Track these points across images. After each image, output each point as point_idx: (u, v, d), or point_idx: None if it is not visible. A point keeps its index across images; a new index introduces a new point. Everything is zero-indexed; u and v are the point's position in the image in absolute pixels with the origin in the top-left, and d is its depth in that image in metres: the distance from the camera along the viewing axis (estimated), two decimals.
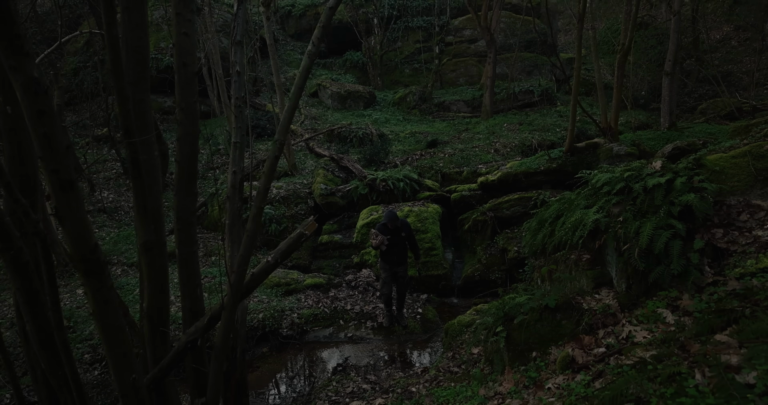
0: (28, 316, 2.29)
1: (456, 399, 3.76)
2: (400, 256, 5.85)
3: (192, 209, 2.41)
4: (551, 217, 4.74)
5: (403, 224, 5.83)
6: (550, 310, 3.56)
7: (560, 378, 3.00)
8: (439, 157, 11.10)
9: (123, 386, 1.93)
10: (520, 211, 7.80)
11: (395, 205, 8.54)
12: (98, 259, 1.75)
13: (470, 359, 4.99)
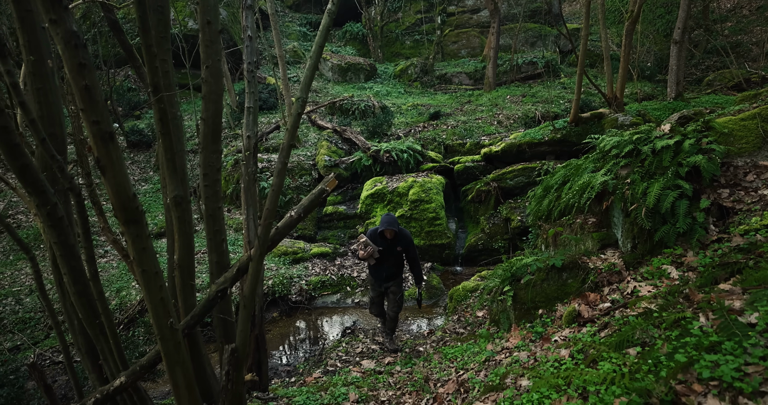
0: (66, 268, 2.39)
1: (464, 354, 3.94)
2: (392, 272, 4.62)
3: (217, 166, 2.47)
4: (557, 184, 4.82)
5: (403, 236, 4.51)
6: (556, 270, 3.69)
7: (566, 331, 3.15)
8: (442, 129, 11.08)
9: (162, 329, 2.04)
10: (524, 181, 7.88)
11: (399, 176, 8.60)
12: (137, 207, 1.83)
13: (475, 321, 5.17)
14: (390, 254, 4.55)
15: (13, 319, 6.12)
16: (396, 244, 4.49)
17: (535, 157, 8.33)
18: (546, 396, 2.31)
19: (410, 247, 4.54)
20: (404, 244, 4.52)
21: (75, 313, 2.61)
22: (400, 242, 4.50)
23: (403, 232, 4.53)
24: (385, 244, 4.48)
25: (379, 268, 4.62)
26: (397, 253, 4.56)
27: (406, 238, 4.51)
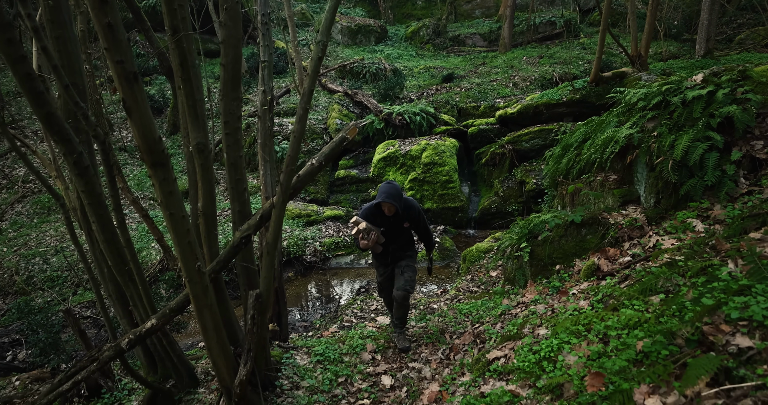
0: (94, 216, 2.42)
1: (479, 309, 3.99)
2: (400, 254, 3.58)
3: (238, 114, 2.44)
4: (577, 142, 4.71)
5: (409, 208, 3.42)
6: (575, 226, 3.66)
7: (584, 285, 3.16)
8: (455, 92, 10.83)
9: (190, 273, 2.08)
10: (540, 143, 7.73)
11: (412, 140, 8.50)
12: (163, 150, 1.82)
13: (489, 280, 5.22)
14: (396, 234, 3.47)
15: (42, 278, 6.34)
16: (401, 219, 3.42)
17: (552, 119, 8.14)
18: (565, 341, 2.34)
19: (419, 218, 3.49)
20: (412, 217, 3.45)
21: (104, 261, 2.68)
22: (407, 216, 3.42)
23: (408, 202, 3.42)
24: (388, 222, 3.38)
25: (383, 252, 3.54)
26: (404, 231, 3.52)
27: (412, 210, 3.42)
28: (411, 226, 3.53)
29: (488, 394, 2.24)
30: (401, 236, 3.51)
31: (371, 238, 3.29)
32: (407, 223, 3.46)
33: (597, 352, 2.10)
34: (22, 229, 7.97)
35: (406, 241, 3.58)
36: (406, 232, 3.55)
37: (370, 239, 3.28)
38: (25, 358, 5.01)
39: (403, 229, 3.49)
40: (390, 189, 3.25)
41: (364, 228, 3.24)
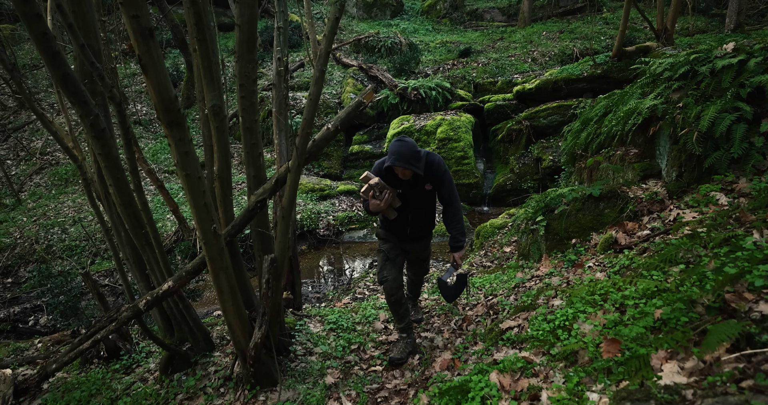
0: (111, 180, 2.44)
1: (492, 283, 3.99)
2: (421, 225, 2.93)
3: (253, 77, 2.40)
4: (597, 115, 4.57)
5: (432, 166, 2.73)
6: (593, 200, 3.59)
7: (601, 257, 3.11)
8: (472, 67, 10.58)
9: (206, 235, 2.09)
10: (558, 120, 7.56)
11: (427, 115, 8.37)
12: (179, 109, 1.79)
13: (503, 256, 5.20)
14: (416, 199, 2.81)
15: (61, 247, 6.50)
16: (422, 181, 2.75)
17: (571, 95, 7.92)
18: (581, 311, 2.32)
19: (443, 179, 2.77)
20: (435, 177, 2.75)
21: (122, 225, 2.71)
22: (429, 176, 2.73)
23: (430, 158, 2.73)
24: (405, 184, 2.77)
25: (401, 220, 2.86)
26: (426, 195, 2.83)
27: (435, 168, 2.72)
28: (434, 190, 2.84)
29: (501, 361, 2.24)
30: (423, 201, 2.83)
31: (385, 198, 2.64)
32: (429, 184, 2.77)
33: (613, 320, 2.08)
34: (40, 199, 8.14)
35: (428, 210, 2.90)
36: (429, 197, 2.86)
37: (384, 199, 2.63)
38: (46, 323, 5.19)
39: (425, 192, 2.80)
40: (402, 148, 2.56)
41: (376, 184, 2.61)
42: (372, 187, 2.62)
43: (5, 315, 5.19)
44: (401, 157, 2.56)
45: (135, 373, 3.09)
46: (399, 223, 2.88)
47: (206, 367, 2.93)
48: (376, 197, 2.66)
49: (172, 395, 2.75)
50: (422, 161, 2.65)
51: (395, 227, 2.91)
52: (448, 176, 2.81)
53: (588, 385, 1.75)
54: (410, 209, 2.83)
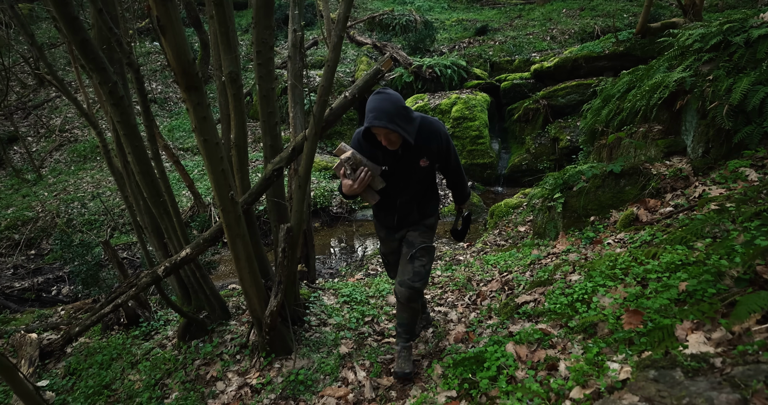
0: (129, 148, 2.44)
1: (506, 260, 3.95)
2: (408, 212, 2.30)
3: (270, 44, 2.35)
4: (620, 92, 4.43)
5: (430, 137, 2.12)
6: (614, 176, 3.50)
7: (621, 235, 3.05)
8: (489, 45, 10.33)
9: (223, 201, 2.08)
10: (577, 98, 7.36)
11: (442, 93, 8.23)
12: (197, 73, 1.76)
13: (517, 235, 5.15)
14: (406, 178, 2.18)
15: (81, 221, 6.62)
16: (416, 154, 2.11)
17: (591, 74, 7.70)
18: (600, 284, 2.28)
19: (447, 152, 2.18)
20: (433, 149, 2.13)
21: (140, 193, 2.73)
22: (424, 147, 2.10)
23: (427, 126, 2.10)
24: (392, 158, 2.12)
25: (387, 205, 2.27)
26: (420, 173, 2.17)
27: (435, 136, 2.11)
28: (432, 166, 2.16)
29: (517, 333, 2.23)
30: (416, 182, 2.17)
31: (359, 177, 2.01)
32: (425, 159, 2.10)
33: (634, 294, 2.04)
34: (60, 175, 8.27)
35: (424, 193, 2.24)
36: (424, 176, 2.17)
37: (358, 179, 2.01)
38: (68, 293, 5.33)
39: (419, 169, 2.11)
40: (384, 103, 1.87)
41: (347, 158, 2.01)
42: (343, 163, 2.01)
43: (30, 284, 5.34)
44: (382, 113, 1.84)
45: (154, 340, 3.16)
46: (385, 211, 2.28)
47: (222, 335, 2.98)
48: (348, 176, 2.02)
49: (190, 360, 2.81)
50: (414, 125, 1.99)
51: (381, 215, 2.34)
52: (452, 149, 2.18)
53: (608, 356, 1.72)
54: (399, 193, 2.17)
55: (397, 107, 1.90)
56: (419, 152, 2.11)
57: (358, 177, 2.04)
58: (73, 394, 2.82)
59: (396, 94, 1.96)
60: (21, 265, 6.06)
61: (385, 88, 1.98)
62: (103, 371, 2.92)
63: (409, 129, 1.97)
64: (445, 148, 2.16)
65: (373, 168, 2.09)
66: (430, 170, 2.19)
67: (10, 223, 6.76)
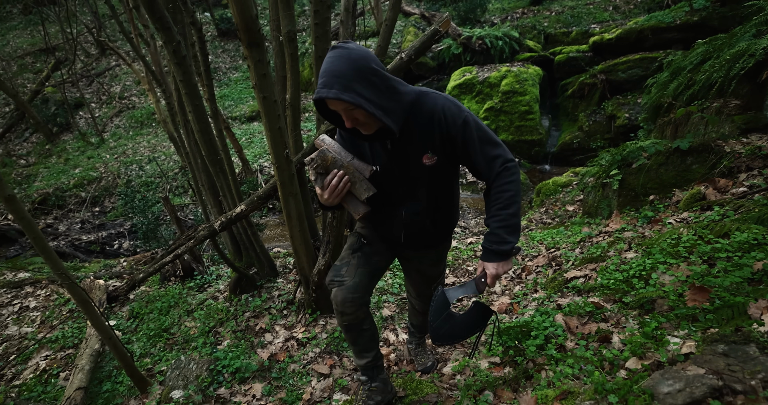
0: (190, 106, 2.52)
1: (554, 237, 3.84)
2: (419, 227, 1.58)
3: (328, 3, 2.32)
4: (692, 64, 4.09)
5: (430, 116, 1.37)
6: (679, 154, 3.28)
7: (684, 214, 2.88)
8: (544, 16, 9.79)
9: (278, 159, 2.12)
10: (639, 73, 6.88)
11: (491, 66, 7.93)
12: (259, 30, 1.78)
13: (565, 214, 4.98)
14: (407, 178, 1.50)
15: (139, 182, 7.02)
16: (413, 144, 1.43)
17: (657, 47, 7.14)
18: (660, 262, 2.18)
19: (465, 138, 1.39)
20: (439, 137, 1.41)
21: (198, 152, 2.83)
22: (424, 136, 1.41)
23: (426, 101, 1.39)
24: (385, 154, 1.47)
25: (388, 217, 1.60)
26: (428, 172, 1.47)
27: (438, 119, 1.38)
28: (444, 164, 1.47)
29: (567, 306, 2.18)
30: (423, 188, 1.50)
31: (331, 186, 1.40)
32: (430, 154, 1.43)
33: (699, 273, 1.93)
34: (120, 139, 8.75)
35: (438, 201, 1.55)
36: (435, 180, 1.50)
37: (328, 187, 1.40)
38: (128, 247, 5.72)
39: (423, 169, 1.45)
40: (338, 63, 1.24)
41: (310, 160, 1.40)
42: (315, 162, 1.39)
43: (95, 238, 5.76)
44: (332, 78, 1.21)
45: (207, 292, 3.35)
46: (386, 223, 1.59)
47: (270, 291, 3.11)
48: (316, 183, 1.42)
49: (241, 312, 2.96)
50: (401, 102, 1.32)
51: (381, 227, 1.63)
52: (474, 129, 1.37)
53: (668, 331, 1.65)
54: (401, 200, 1.53)
55: (357, 69, 1.21)
56: (419, 143, 1.40)
57: (328, 184, 1.38)
58: (136, 335, 3.06)
59: (361, 49, 1.25)
60: (87, 220, 6.54)
61: (345, 42, 1.27)
62: (162, 316, 3.14)
63: (388, 104, 1.27)
64: (457, 127, 1.35)
65: (357, 169, 1.42)
66: (441, 171, 1.45)
67: (77, 181, 7.27)
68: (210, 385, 2.38)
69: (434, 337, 1.47)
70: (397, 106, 1.32)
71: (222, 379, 2.43)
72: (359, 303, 1.57)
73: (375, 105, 1.25)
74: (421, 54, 2.34)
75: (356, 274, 1.58)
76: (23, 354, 3.23)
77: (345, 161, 1.43)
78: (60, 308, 3.82)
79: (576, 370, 1.58)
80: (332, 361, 2.44)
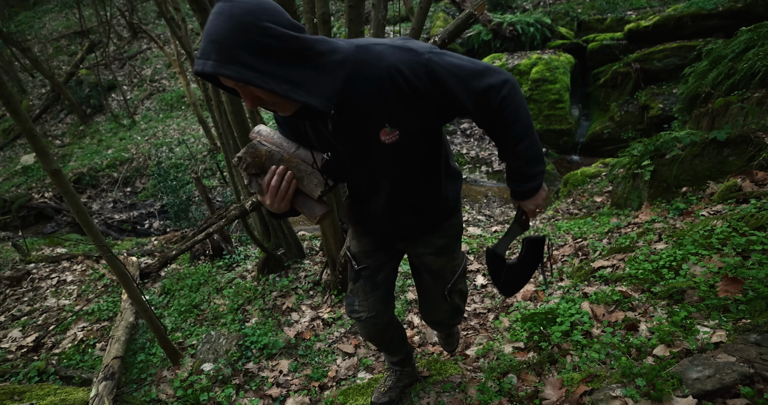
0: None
1: (581, 227, 3.80)
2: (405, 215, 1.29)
3: None
4: (734, 52, 3.93)
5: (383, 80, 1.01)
6: (716, 145, 3.18)
7: (718, 207, 2.81)
8: (578, 2, 9.48)
9: None
10: (676, 62, 6.63)
11: (521, 53, 7.77)
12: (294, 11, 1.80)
13: (592, 205, 4.90)
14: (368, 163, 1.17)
15: (169, 164, 7.21)
16: (359, 121, 1.08)
17: (697, 35, 6.85)
18: (692, 253, 2.14)
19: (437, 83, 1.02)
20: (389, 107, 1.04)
21: (231, 133, 2.90)
22: (373, 109, 1.05)
23: (368, 62, 1.01)
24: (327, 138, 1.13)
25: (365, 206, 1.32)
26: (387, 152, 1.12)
27: (396, 75, 1.00)
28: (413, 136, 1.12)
29: (593, 294, 2.17)
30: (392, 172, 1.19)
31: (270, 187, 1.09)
32: (388, 128, 1.08)
33: (733, 264, 1.90)
34: (150, 122, 8.98)
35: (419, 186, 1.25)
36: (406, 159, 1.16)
37: (267, 189, 1.10)
38: (158, 227, 5.91)
39: (385, 149, 1.11)
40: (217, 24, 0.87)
41: (237, 160, 1.11)
42: (239, 163, 1.10)
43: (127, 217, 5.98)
44: (209, 45, 0.89)
45: (235, 271, 3.46)
46: (366, 213, 1.34)
47: (297, 272, 3.19)
48: (253, 186, 1.13)
49: (268, 292, 3.05)
50: (322, 69, 0.97)
51: (364, 217, 1.37)
52: (446, 69, 1.03)
53: (698, 320, 1.64)
54: (368, 192, 1.27)
55: (241, 29, 0.87)
56: (371, 118, 1.07)
57: (267, 186, 1.09)
58: (168, 310, 3.19)
59: (250, 3, 0.89)
60: (119, 200, 6.78)
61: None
62: (192, 293, 3.26)
63: (297, 75, 0.93)
64: (423, 91, 1.02)
65: (304, 160, 1.12)
66: (409, 147, 1.12)
67: (110, 162, 7.53)
68: (239, 360, 2.48)
69: (505, 293, 1.44)
70: (315, 75, 0.95)
71: (250, 355, 2.52)
72: (381, 328, 1.51)
73: (274, 78, 0.90)
74: (454, 38, 2.32)
75: (369, 305, 1.46)
76: (61, 325, 3.41)
77: (286, 153, 1.10)
78: (95, 283, 4.01)
79: (602, 356, 1.58)
80: (357, 341, 2.50)
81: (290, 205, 1.14)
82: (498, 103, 1.06)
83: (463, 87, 1.04)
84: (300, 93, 0.93)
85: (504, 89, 1.06)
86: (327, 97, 0.97)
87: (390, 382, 1.78)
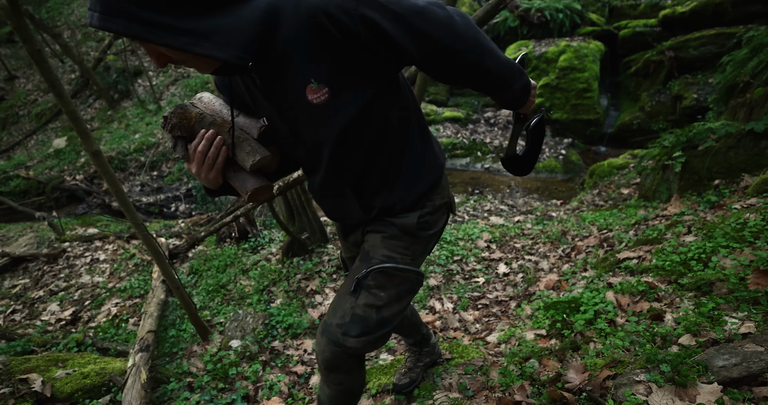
0: None
1: (606, 219, 3.75)
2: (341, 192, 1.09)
3: None
4: None
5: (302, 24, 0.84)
6: (752, 137, 3.08)
7: (752, 200, 2.73)
8: None
9: None
10: (713, 50, 6.38)
11: (549, 40, 7.59)
12: None
13: (618, 197, 4.82)
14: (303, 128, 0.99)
15: None
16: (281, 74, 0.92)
17: (738, 22, 6.56)
18: (723, 245, 2.10)
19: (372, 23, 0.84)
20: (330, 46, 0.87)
21: None
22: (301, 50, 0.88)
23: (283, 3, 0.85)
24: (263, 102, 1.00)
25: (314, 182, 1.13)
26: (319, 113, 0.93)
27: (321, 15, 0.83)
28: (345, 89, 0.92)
29: (618, 284, 2.16)
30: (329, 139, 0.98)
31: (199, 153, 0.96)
32: (319, 86, 0.91)
33: (765, 258, 1.85)
34: None
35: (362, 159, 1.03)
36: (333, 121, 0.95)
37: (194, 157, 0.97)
38: (184, 210, 6.08)
39: (316, 110, 0.93)
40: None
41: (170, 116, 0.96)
42: (165, 123, 0.97)
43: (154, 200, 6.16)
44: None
45: (260, 254, 3.55)
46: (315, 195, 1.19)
47: (321, 256, 3.25)
48: (180, 150, 1.01)
49: (293, 274, 3.13)
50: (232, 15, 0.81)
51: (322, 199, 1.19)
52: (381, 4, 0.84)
53: (726, 312, 1.62)
54: (309, 166, 1.11)
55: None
56: (294, 72, 0.91)
57: (193, 151, 0.97)
58: (196, 289, 3.31)
59: None
60: (146, 183, 6.98)
61: None
62: (219, 274, 3.37)
63: (199, 24, 0.79)
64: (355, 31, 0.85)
65: (242, 127, 1.03)
66: (345, 107, 0.94)
67: (137, 146, 7.73)
68: (265, 338, 2.56)
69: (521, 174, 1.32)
70: (225, 23, 0.81)
71: (276, 333, 2.61)
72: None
73: (171, 31, 0.77)
74: (483, 25, 2.30)
75: None
76: (96, 300, 3.58)
77: (219, 117, 0.99)
78: (126, 262, 4.17)
79: (626, 343, 1.59)
80: None
81: (222, 177, 0.99)
82: (447, 44, 0.88)
83: (401, 26, 0.85)
84: (204, 45, 0.79)
85: (454, 23, 0.88)
86: (240, 46, 0.81)
87: (410, 363, 1.80)
